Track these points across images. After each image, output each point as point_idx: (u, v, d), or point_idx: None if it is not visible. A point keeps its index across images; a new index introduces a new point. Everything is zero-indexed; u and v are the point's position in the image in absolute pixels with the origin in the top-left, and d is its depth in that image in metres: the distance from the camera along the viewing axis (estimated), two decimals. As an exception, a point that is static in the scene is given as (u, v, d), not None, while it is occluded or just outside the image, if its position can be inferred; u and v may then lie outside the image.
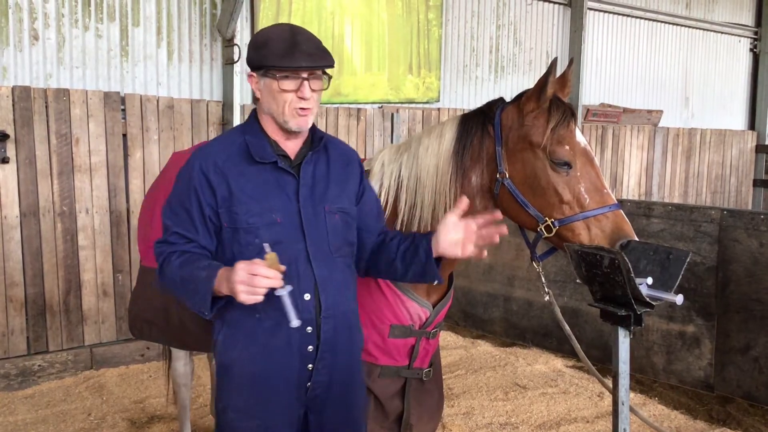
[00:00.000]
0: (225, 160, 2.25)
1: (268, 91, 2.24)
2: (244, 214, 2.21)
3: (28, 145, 5.44)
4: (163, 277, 2.27)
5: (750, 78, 12.69)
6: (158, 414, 4.94)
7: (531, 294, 6.55)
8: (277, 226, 2.22)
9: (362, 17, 7.55)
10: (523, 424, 4.83)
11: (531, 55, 9.36)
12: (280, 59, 2.18)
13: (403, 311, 2.73)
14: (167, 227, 2.29)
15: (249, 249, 2.20)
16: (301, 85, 2.20)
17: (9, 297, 5.45)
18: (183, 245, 2.25)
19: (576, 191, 2.46)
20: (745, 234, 5.09)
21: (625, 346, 2.32)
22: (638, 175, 10.66)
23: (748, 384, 5.10)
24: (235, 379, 2.28)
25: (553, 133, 2.47)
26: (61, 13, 5.67)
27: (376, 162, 2.82)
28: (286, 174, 2.27)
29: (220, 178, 2.23)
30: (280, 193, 2.25)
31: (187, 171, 2.29)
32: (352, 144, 7.27)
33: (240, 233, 2.22)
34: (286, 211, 2.24)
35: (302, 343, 2.25)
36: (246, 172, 2.25)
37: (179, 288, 2.22)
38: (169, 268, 2.23)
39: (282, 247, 2.18)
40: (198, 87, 6.48)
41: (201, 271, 2.15)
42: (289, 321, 2.05)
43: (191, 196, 2.24)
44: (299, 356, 2.26)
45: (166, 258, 2.25)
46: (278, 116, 2.25)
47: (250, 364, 2.25)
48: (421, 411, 2.90)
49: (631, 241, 2.36)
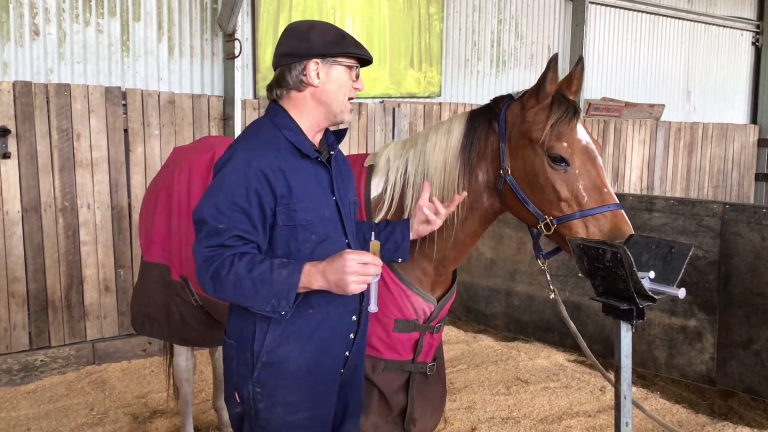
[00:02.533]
0: (279, 158, 2.19)
1: (335, 79, 2.25)
2: (302, 211, 2.20)
3: (30, 141, 5.44)
4: (220, 282, 2.13)
5: (752, 72, 12.68)
6: (160, 409, 4.94)
7: (533, 288, 6.55)
8: (326, 221, 2.26)
9: (363, 12, 7.54)
10: (525, 419, 4.83)
11: (533, 49, 9.35)
12: (356, 48, 2.26)
13: (408, 306, 2.74)
14: (219, 231, 2.14)
15: (305, 245, 2.22)
16: (358, 78, 2.32)
17: (11, 292, 5.45)
18: (241, 247, 2.14)
19: (574, 189, 2.44)
20: (747, 228, 5.08)
21: (627, 340, 2.31)
22: (640, 170, 10.64)
23: (750, 378, 5.10)
24: (288, 375, 2.26)
25: (552, 130, 2.45)
26: (61, 8, 5.66)
27: (381, 157, 2.82)
28: (322, 168, 2.30)
29: (279, 176, 2.17)
30: (323, 189, 2.28)
31: (241, 170, 2.16)
32: (353, 139, 7.28)
33: (298, 230, 2.20)
34: (329, 205, 2.28)
35: (349, 332, 2.35)
36: (298, 168, 2.22)
37: (248, 290, 2.10)
38: (232, 271, 2.10)
39: (330, 242, 2.25)
40: (199, 82, 6.48)
41: (280, 269, 2.09)
42: (370, 307, 2.23)
43: (250, 195, 2.14)
44: (345, 346, 2.35)
45: (223, 262, 2.12)
46: (337, 104, 2.27)
47: (305, 359, 2.26)
48: (424, 405, 2.90)
49: (633, 234, 2.35)
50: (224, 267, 2.11)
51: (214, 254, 2.13)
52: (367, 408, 2.74)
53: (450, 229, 2.66)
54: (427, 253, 2.72)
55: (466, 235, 2.71)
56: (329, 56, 2.22)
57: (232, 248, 2.13)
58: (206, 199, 2.19)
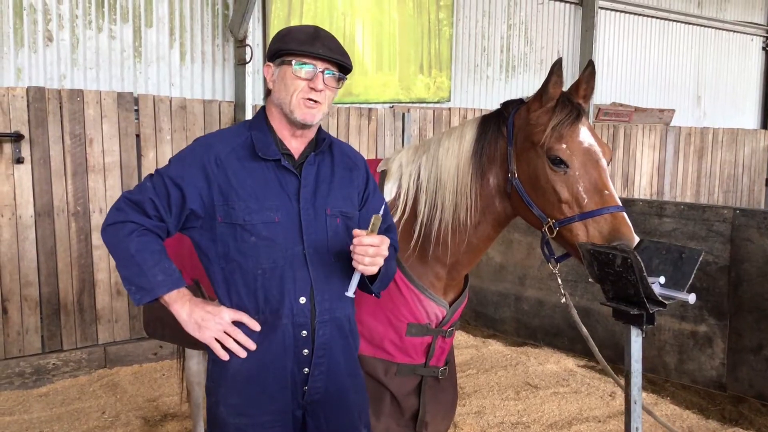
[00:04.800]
0: (228, 152, 2.21)
1: (282, 78, 2.21)
2: (241, 210, 2.16)
3: (43, 146, 5.49)
4: (111, 236, 2.20)
5: (762, 76, 12.64)
6: (171, 412, 4.97)
7: (542, 293, 6.55)
8: (274, 225, 2.17)
9: (373, 17, 7.57)
10: (535, 424, 4.83)
11: (542, 54, 9.35)
12: (300, 45, 2.18)
13: (421, 310, 2.75)
14: (145, 189, 2.21)
15: (245, 246, 2.17)
16: (316, 76, 2.18)
17: (24, 296, 5.50)
18: (152, 221, 2.19)
19: (574, 191, 2.44)
20: (757, 233, 5.07)
21: (637, 345, 2.32)
22: (650, 175, 10.62)
23: (761, 384, 5.08)
24: (228, 377, 2.24)
25: (552, 132, 2.45)
26: (74, 14, 5.72)
27: (394, 163, 2.84)
28: (289, 173, 2.23)
29: (219, 171, 2.19)
30: (281, 193, 2.20)
31: (188, 154, 2.25)
32: (363, 144, 7.29)
33: (236, 229, 2.17)
34: (286, 211, 2.19)
35: (297, 345, 2.22)
36: (248, 167, 2.20)
37: (122, 260, 2.17)
38: (127, 238, 2.16)
39: (278, 248, 2.17)
40: (210, 87, 6.52)
41: (159, 272, 2.14)
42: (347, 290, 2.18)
43: (184, 178, 2.19)
44: (294, 358, 2.23)
45: (127, 224, 2.17)
46: (285, 105, 2.20)
47: (244, 363, 2.22)
48: (436, 409, 2.91)
49: (644, 239, 2.36)
50: (125, 228, 2.17)
51: (127, 210, 2.19)
52: (380, 411, 2.75)
53: (463, 234, 2.67)
54: (440, 257, 2.73)
55: (479, 240, 2.72)
56: (277, 57, 2.23)
57: (143, 216, 2.18)
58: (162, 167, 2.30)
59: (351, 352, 2.37)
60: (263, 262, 2.17)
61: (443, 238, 2.67)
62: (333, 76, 2.22)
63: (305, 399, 2.28)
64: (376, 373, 2.75)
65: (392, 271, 2.39)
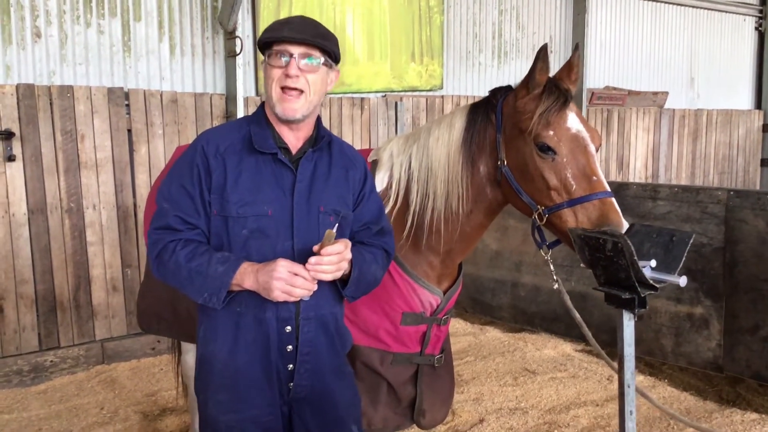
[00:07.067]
0: (227, 146, 2.22)
1: (266, 70, 2.22)
2: (235, 203, 2.17)
3: (34, 143, 5.47)
4: (163, 266, 2.19)
5: (756, 57, 12.61)
6: (170, 407, 4.98)
7: (538, 279, 6.56)
8: (266, 218, 2.18)
9: (363, 6, 7.53)
10: (533, 409, 4.85)
11: (534, 39, 9.31)
12: (271, 33, 2.19)
13: (415, 299, 2.76)
14: (166, 211, 2.21)
15: (236, 239, 2.18)
16: (289, 63, 2.16)
17: (19, 294, 5.49)
18: (186, 233, 2.19)
19: (562, 177, 2.44)
20: (752, 214, 5.08)
21: (629, 328, 2.32)
22: (645, 158, 10.62)
23: (758, 364, 5.10)
24: (215, 373, 2.25)
25: (540, 119, 2.45)
26: (62, 9, 5.68)
27: (384, 152, 2.83)
28: (285, 168, 2.23)
29: (218, 164, 2.19)
30: (275, 187, 2.20)
31: (191, 153, 2.24)
32: (356, 133, 7.28)
33: (229, 222, 2.18)
34: (280, 205, 2.19)
35: (281, 341, 2.22)
36: (245, 160, 2.21)
37: (185, 280, 2.15)
38: (173, 258, 2.15)
39: (269, 242, 2.17)
40: (201, 80, 6.49)
41: (217, 265, 2.11)
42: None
43: (194, 178, 2.20)
44: (278, 354, 2.23)
45: (166, 246, 2.17)
46: (269, 99, 2.22)
47: (229, 359, 2.22)
48: (433, 396, 2.93)
49: (635, 224, 2.36)
50: (167, 252, 2.17)
51: (159, 237, 2.20)
52: (377, 400, 2.77)
53: (456, 222, 2.68)
54: (433, 246, 2.74)
55: (471, 228, 2.72)
56: (263, 51, 2.23)
57: (176, 232, 2.19)
58: (164, 181, 2.28)
59: (337, 351, 2.36)
60: (253, 256, 2.17)
61: (436, 227, 2.67)
62: (311, 63, 2.20)
63: (290, 396, 2.28)
64: (372, 363, 2.76)
65: (371, 277, 2.32)
